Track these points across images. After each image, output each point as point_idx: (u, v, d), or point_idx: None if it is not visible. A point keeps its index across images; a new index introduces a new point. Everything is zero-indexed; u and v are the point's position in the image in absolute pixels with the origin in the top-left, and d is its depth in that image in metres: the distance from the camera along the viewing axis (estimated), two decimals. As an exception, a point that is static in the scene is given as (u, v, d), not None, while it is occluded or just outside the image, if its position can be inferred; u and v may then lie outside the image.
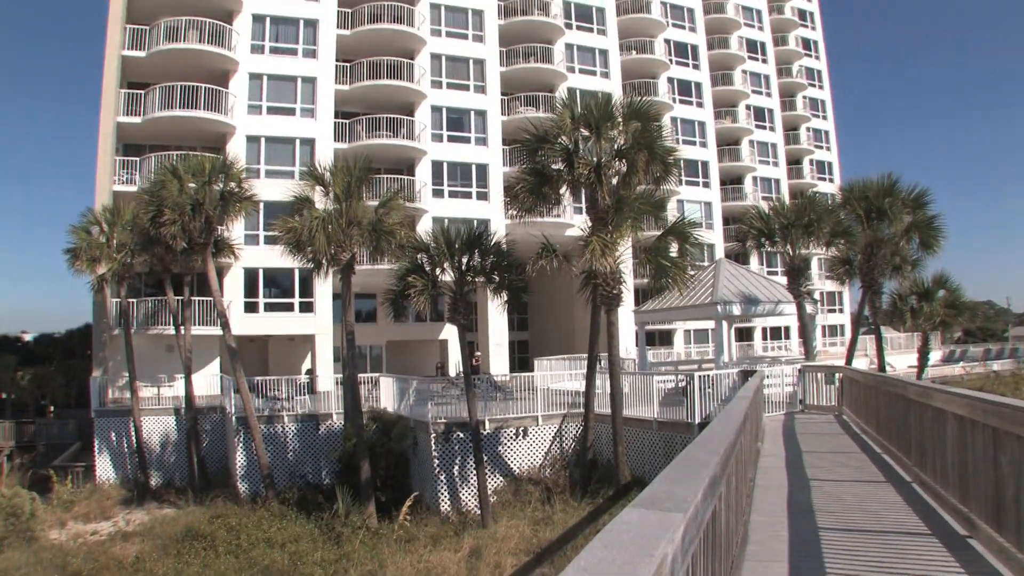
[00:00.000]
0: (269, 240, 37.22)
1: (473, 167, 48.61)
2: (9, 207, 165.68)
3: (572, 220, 43.86)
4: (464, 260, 25.11)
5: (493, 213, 45.93)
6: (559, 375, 32.02)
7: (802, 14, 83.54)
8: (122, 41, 40.69)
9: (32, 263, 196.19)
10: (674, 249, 23.92)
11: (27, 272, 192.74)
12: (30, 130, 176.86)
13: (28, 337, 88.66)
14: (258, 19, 43.95)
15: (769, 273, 57.43)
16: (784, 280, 32.15)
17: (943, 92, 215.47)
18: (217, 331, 34.62)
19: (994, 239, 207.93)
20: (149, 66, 41.05)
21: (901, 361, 51.78)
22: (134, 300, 37.29)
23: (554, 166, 23.91)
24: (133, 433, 33.93)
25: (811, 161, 79.06)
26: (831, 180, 78.50)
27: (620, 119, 22.98)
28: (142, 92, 40.64)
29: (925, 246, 29.86)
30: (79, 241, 32.74)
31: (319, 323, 41.73)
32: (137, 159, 40.26)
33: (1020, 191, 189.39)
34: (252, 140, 42.25)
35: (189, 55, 40.91)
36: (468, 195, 48.20)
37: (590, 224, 22.98)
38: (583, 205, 25.88)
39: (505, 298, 25.77)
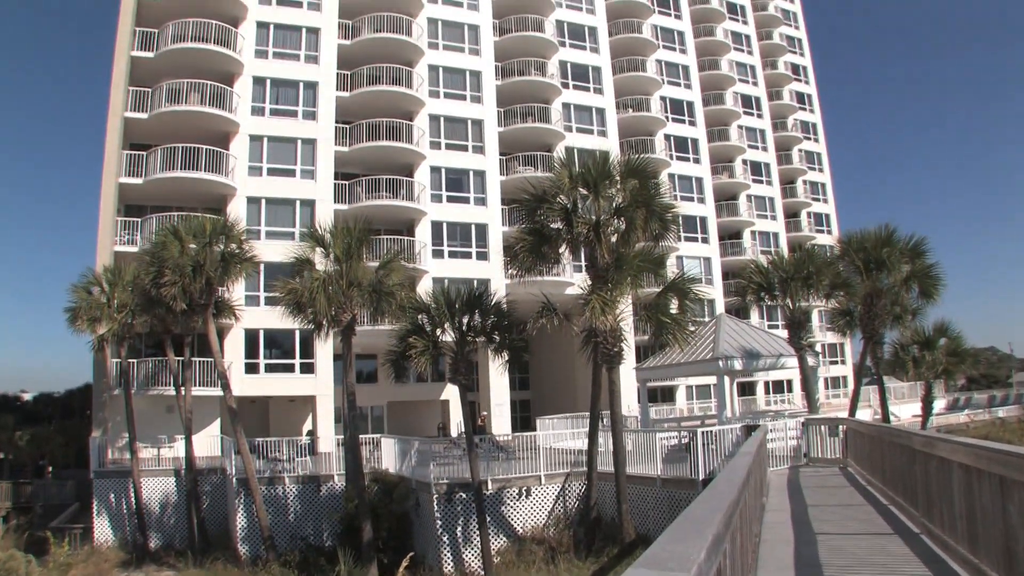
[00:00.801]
0: (270, 301, 37.22)
1: (473, 227, 48.86)
2: (9, 265, 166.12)
3: (572, 279, 43.98)
4: (464, 320, 25.13)
5: (493, 273, 45.95)
6: (561, 434, 31.89)
7: (795, 68, 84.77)
8: (125, 102, 41.22)
9: (32, 322, 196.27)
10: (674, 305, 23.91)
11: (27, 331, 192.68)
12: (32, 189, 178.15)
13: (27, 396, 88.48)
14: (258, 81, 44.53)
15: (770, 327, 57.39)
16: (785, 333, 32.09)
17: (939, 141, 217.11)
18: (218, 392, 34.51)
19: (995, 284, 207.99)
20: (151, 127, 41.49)
21: (905, 411, 51.55)
22: (134, 360, 37.24)
23: (553, 225, 23.98)
24: (132, 494, 33.67)
25: (809, 213, 79.48)
26: (829, 232, 79.02)
27: (618, 177, 23.10)
28: (144, 153, 40.97)
29: (925, 295, 29.88)
30: (80, 301, 32.88)
31: (320, 384, 41.61)
32: (139, 220, 40.43)
33: (1022, 235, 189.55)
34: (253, 201, 42.53)
35: (190, 117, 41.36)
36: (468, 255, 48.37)
37: (590, 282, 23.00)
38: (583, 263, 25.93)
39: (506, 358, 25.73)
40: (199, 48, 41.97)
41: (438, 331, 25.46)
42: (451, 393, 44.69)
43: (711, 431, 22.63)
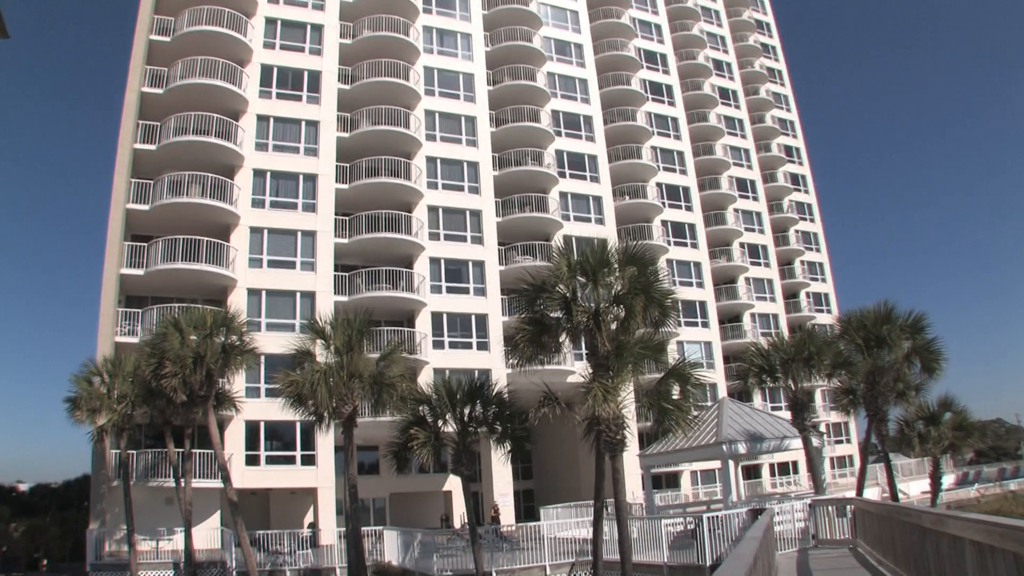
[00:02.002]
0: (271, 393, 37.17)
1: (473, 317, 48.95)
2: (9, 355, 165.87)
3: (573, 367, 43.91)
4: (466, 411, 25.15)
5: (494, 363, 45.90)
6: (566, 523, 31.55)
7: (788, 150, 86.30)
8: (127, 194, 41.51)
9: (30, 412, 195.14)
10: (676, 391, 23.88)
11: (24, 421, 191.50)
12: (34, 279, 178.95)
13: (24, 487, 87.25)
14: (259, 174, 45.00)
15: (773, 408, 57.21)
16: (788, 415, 32.03)
17: (936, 218, 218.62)
18: (218, 484, 34.19)
19: (1000, 355, 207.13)
20: (152, 218, 41.78)
21: (914, 487, 51.12)
22: (134, 452, 36.81)
23: (553, 314, 24.03)
24: (130, 588, 33.09)
25: (808, 294, 79.83)
26: (828, 311, 79.34)
27: (616, 265, 23.23)
28: (145, 244, 41.13)
29: (927, 370, 29.97)
30: (80, 391, 32.70)
31: (321, 476, 41.22)
32: (140, 311, 40.41)
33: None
34: (253, 293, 42.65)
35: (192, 209, 41.68)
36: (468, 345, 48.36)
37: (591, 370, 22.97)
38: (583, 352, 25.96)
39: (508, 448, 25.64)
40: (200, 141, 42.52)
41: (440, 422, 25.46)
42: (454, 484, 44.34)
43: (717, 516, 22.48)
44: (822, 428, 66.75)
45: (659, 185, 65.59)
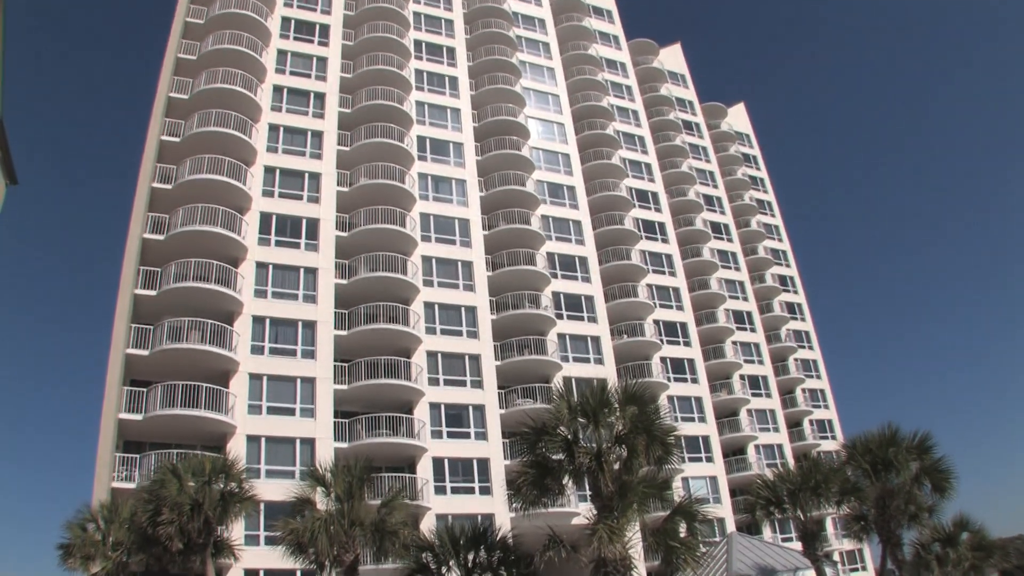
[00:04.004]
0: (270, 541, 36.39)
1: (474, 462, 48.42)
2: (1, 500, 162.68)
3: (577, 508, 43.23)
4: (470, 557, 24.75)
5: (497, 507, 45.16)
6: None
7: (783, 280, 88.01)
8: (126, 340, 41.59)
9: (21, 559, 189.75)
10: (683, 529, 23.58)
11: (15, 569, 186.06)
12: (31, 421, 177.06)
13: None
14: (258, 320, 45.25)
15: (783, 539, 56.21)
16: (799, 545, 31.51)
17: (933, 328, 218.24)
18: (217, 638, 33.18)
19: (1015, 467, 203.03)
20: (152, 364, 41.68)
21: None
22: (129, 601, 35.92)
23: (555, 456, 23.95)
24: None
25: (811, 421, 79.39)
26: (833, 437, 78.63)
27: (617, 405, 23.30)
28: (144, 390, 40.88)
29: (938, 490, 29.58)
30: (74, 537, 31.96)
31: (323, 627, 40.06)
32: (137, 456, 39.83)
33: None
34: (252, 439, 42.23)
35: (191, 354, 41.68)
36: (471, 490, 47.69)
37: (595, 511, 22.76)
38: (587, 492, 25.72)
39: (514, 593, 25.11)
40: (200, 287, 42.94)
41: (443, 569, 24.99)
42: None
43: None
44: (835, 557, 65.36)
45: (656, 322, 66.02)
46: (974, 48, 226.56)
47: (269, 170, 49.98)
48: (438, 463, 47.30)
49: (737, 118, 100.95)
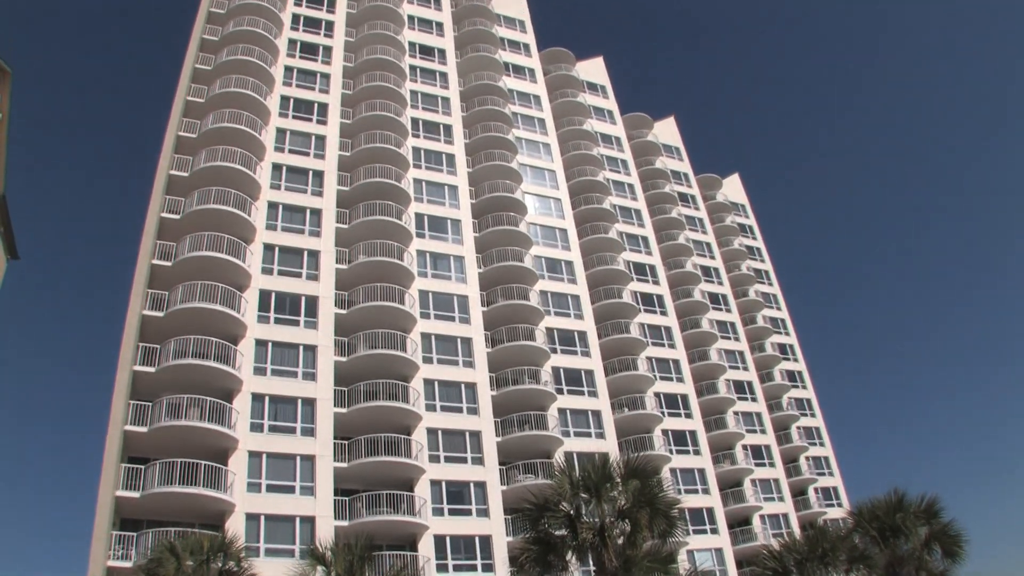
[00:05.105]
0: (270, 622, 35.98)
1: (476, 539, 47.85)
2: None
3: (582, 584, 42.85)
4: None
5: (500, 585, 44.74)
6: None
7: (782, 348, 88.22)
8: (124, 416, 41.42)
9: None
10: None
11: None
12: (25, 497, 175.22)
13: None
14: (257, 398, 45.14)
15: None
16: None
17: (935, 389, 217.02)
18: None
19: None
20: (150, 441, 41.42)
21: None
22: None
23: (557, 532, 23.93)
24: None
25: (816, 489, 78.74)
26: (839, 504, 78.14)
27: (619, 479, 23.36)
28: (142, 467, 40.56)
29: (949, 555, 29.17)
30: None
31: None
32: (134, 534, 39.28)
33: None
34: (252, 518, 41.82)
35: (190, 432, 41.46)
36: (473, 567, 47.07)
37: (600, 586, 22.61)
38: (591, 568, 25.55)
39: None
40: (199, 364, 42.96)
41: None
42: None
43: None
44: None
45: (657, 395, 65.88)
46: (974, 113, 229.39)
47: (268, 247, 50.38)
48: (439, 541, 46.81)
49: (732, 188, 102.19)
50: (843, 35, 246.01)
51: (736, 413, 73.77)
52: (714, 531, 62.49)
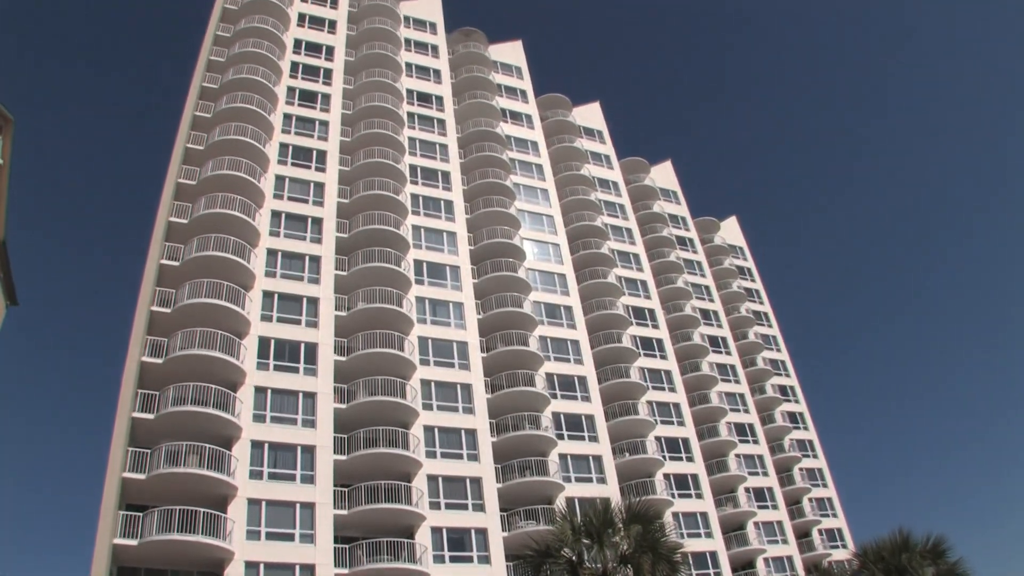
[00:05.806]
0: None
1: (478, 587, 47.60)
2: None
3: (585, 631, 42.44)
4: None
5: (503, 634, 44.37)
6: None
7: (783, 390, 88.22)
8: (123, 463, 41.19)
9: None
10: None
11: None
12: (21, 546, 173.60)
13: None
14: (257, 445, 44.90)
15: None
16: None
17: (937, 426, 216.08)
18: None
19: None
20: (148, 488, 41.12)
21: None
22: None
23: (560, 579, 23.76)
24: None
25: (820, 531, 78.10)
26: (844, 546, 77.42)
27: (621, 524, 23.30)
28: (140, 514, 40.07)
29: (956, 594, 29.04)
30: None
31: None
32: (133, 584, 39.26)
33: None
34: (251, 566, 41.31)
35: (188, 479, 41.17)
36: (476, 615, 46.85)
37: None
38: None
39: None
40: (198, 411, 42.79)
41: None
42: None
43: None
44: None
45: (658, 439, 65.61)
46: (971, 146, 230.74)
47: (268, 294, 50.47)
48: (441, 587, 46.47)
49: (730, 231, 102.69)
50: (839, 79, 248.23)
51: (738, 456, 73.49)
52: (718, 575, 62.05)
